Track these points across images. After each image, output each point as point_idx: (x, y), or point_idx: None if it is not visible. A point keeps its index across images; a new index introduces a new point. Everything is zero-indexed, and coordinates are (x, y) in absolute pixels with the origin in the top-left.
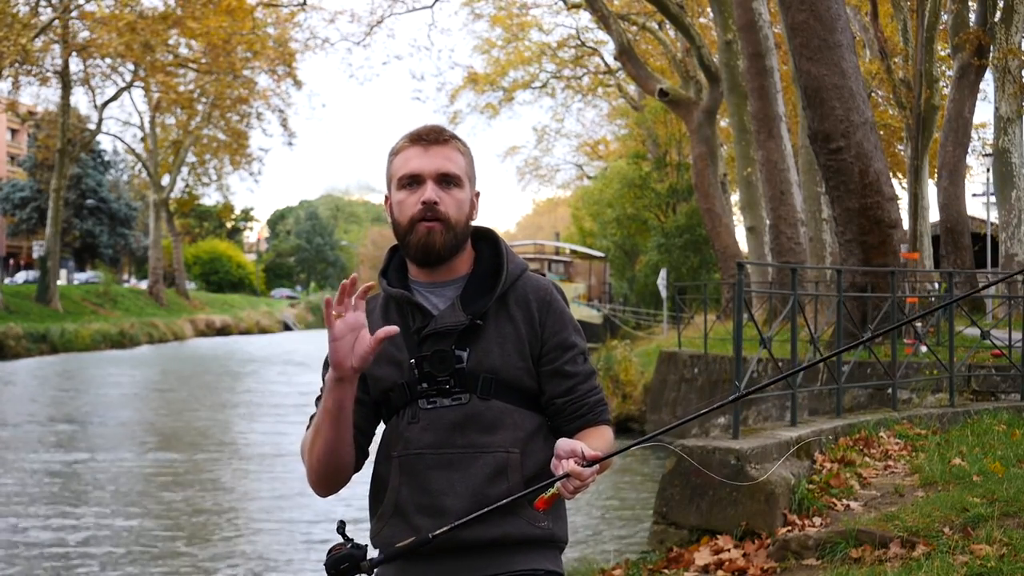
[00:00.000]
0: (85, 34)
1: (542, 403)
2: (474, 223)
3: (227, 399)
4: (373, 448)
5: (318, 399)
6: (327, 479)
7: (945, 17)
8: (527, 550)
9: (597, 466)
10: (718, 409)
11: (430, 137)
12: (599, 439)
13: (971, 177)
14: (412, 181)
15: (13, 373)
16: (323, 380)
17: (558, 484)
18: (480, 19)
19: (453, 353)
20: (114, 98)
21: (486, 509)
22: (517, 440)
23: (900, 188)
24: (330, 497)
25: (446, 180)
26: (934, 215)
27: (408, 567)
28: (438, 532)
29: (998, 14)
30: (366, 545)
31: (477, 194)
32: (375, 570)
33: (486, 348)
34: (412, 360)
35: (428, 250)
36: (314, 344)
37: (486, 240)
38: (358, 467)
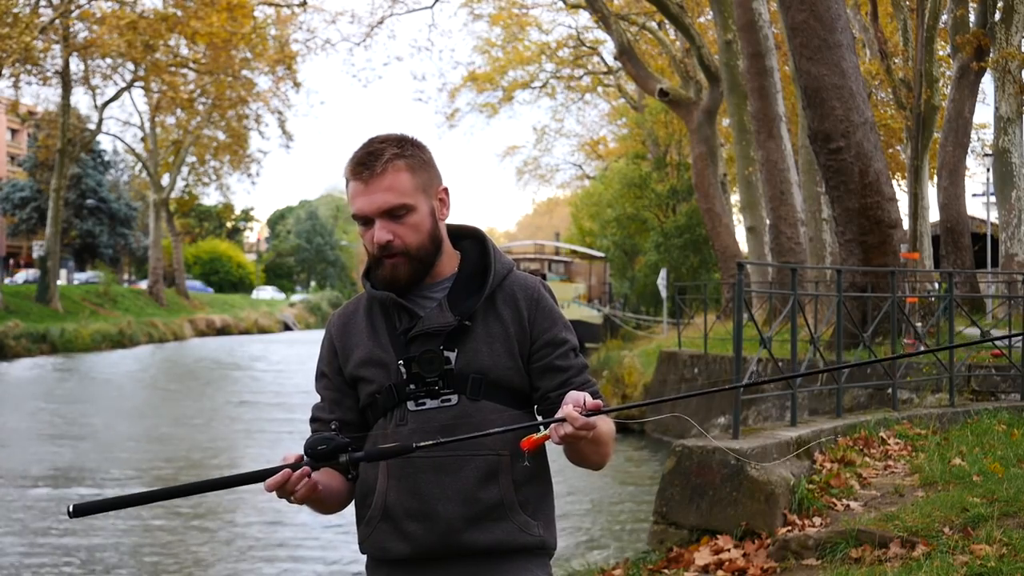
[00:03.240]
0: (86, 34)
1: (536, 399)
2: (447, 222)
3: (222, 412)
4: None
5: (312, 419)
6: (328, 511)
7: (945, 17)
8: (519, 558)
9: (593, 419)
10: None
11: (365, 173)
12: (600, 423)
13: (971, 177)
14: (363, 221)
15: (6, 375)
16: (317, 392)
17: (551, 427)
18: (479, 19)
19: (442, 354)
20: (114, 98)
21: (488, 432)
22: (507, 442)
23: (900, 188)
24: None
25: (393, 214)
26: (934, 215)
27: (400, 574)
28: (422, 444)
29: (998, 14)
30: (350, 439)
31: (444, 190)
32: (352, 469)
33: (475, 348)
34: (400, 361)
35: (394, 284)
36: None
37: (472, 239)
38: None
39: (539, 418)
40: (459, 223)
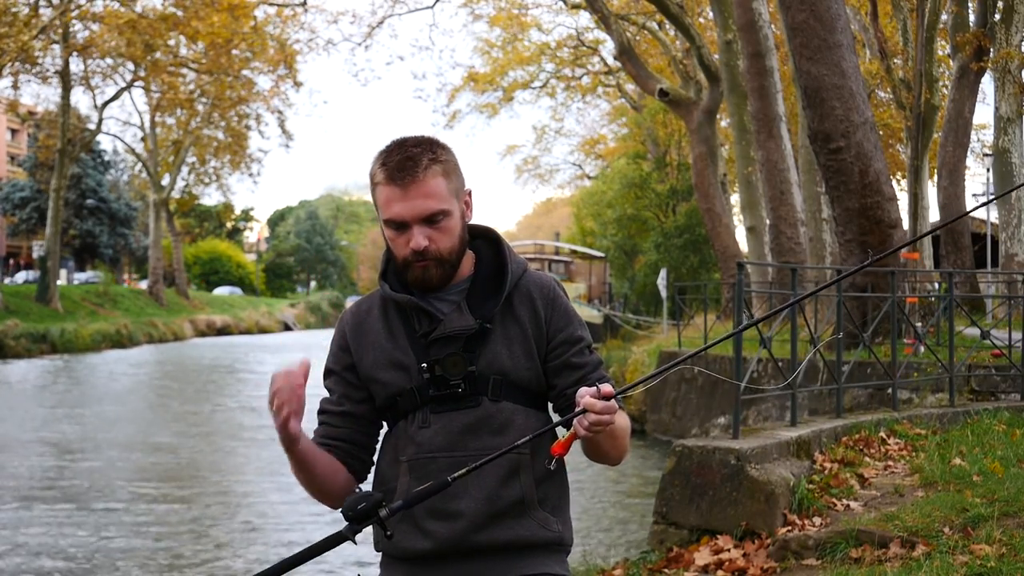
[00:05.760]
0: (85, 34)
1: (552, 397)
2: (470, 222)
3: (217, 417)
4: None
5: (320, 411)
6: (330, 501)
7: (945, 17)
8: (538, 554)
9: (613, 403)
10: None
11: (405, 178)
12: (616, 416)
13: (971, 177)
14: (398, 226)
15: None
16: (326, 389)
17: (574, 423)
18: (480, 19)
19: (465, 357)
20: (114, 98)
21: (508, 449)
22: (529, 441)
23: (900, 188)
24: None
25: (431, 219)
26: (934, 215)
27: (417, 571)
28: (456, 475)
29: (998, 14)
30: (382, 494)
31: (469, 193)
32: (391, 519)
33: (495, 350)
34: (423, 364)
35: (426, 286)
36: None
37: (485, 239)
38: (362, 479)
39: (556, 417)
40: (472, 223)
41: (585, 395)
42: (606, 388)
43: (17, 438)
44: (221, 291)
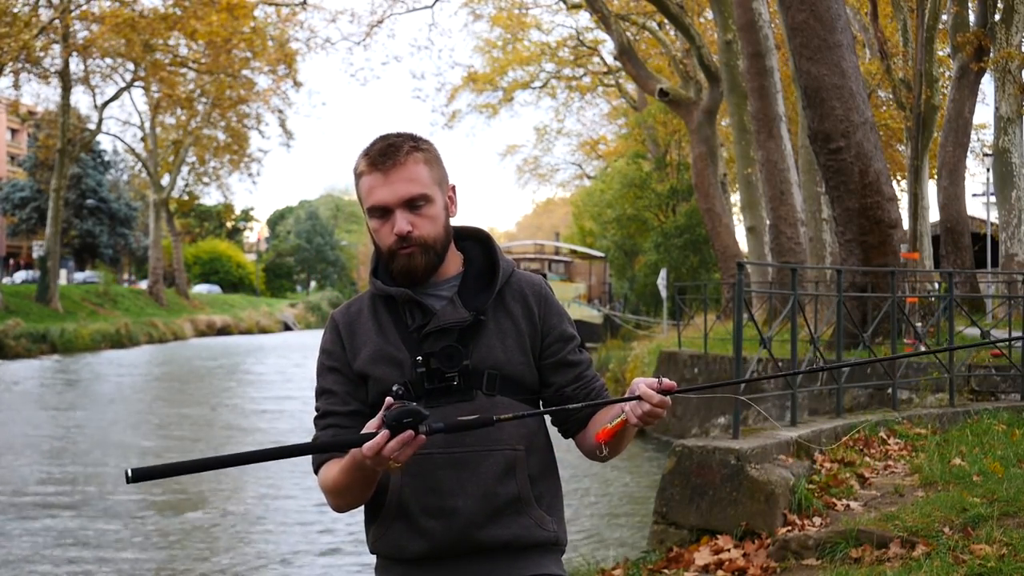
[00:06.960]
0: (85, 34)
1: (549, 394)
2: (455, 219)
3: (213, 420)
4: None
5: (324, 414)
6: (357, 504)
7: (945, 17)
8: (535, 554)
9: (668, 398)
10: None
11: (387, 162)
12: (612, 415)
13: (971, 177)
14: (381, 212)
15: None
16: (317, 398)
17: (627, 410)
18: (480, 19)
19: (460, 349)
20: (114, 98)
21: (586, 404)
22: (522, 436)
23: (900, 188)
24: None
25: (413, 204)
26: (934, 215)
27: (414, 573)
28: (502, 416)
29: (998, 14)
30: (427, 412)
31: (452, 188)
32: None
33: (488, 344)
34: (418, 358)
35: (411, 274)
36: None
37: (475, 240)
38: None
39: (548, 415)
40: (461, 224)
41: (642, 384)
42: (668, 383)
43: (16, 440)
44: (200, 288)
